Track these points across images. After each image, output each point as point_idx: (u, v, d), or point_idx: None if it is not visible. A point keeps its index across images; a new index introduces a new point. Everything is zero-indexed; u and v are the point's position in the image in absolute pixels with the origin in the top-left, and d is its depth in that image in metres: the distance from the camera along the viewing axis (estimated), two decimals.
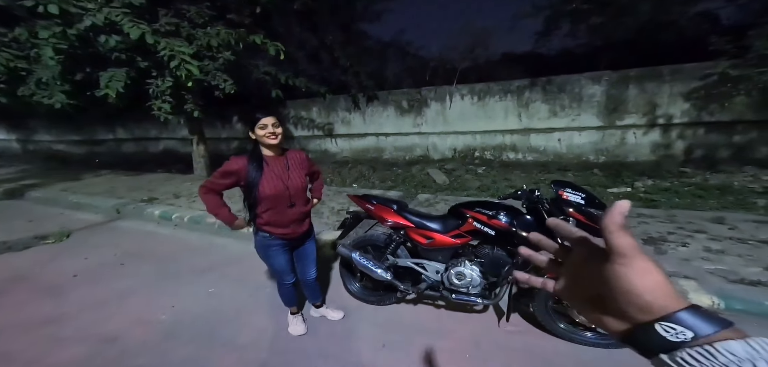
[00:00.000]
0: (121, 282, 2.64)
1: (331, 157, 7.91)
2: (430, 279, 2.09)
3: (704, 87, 4.68)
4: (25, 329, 2.05)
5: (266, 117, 1.58)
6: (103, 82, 4.33)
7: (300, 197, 1.76)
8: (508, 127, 6.30)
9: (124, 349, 1.88)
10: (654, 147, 5.38)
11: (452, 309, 2.22)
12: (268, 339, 2.00)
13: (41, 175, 7.44)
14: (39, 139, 12.98)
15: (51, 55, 3.86)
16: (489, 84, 6.31)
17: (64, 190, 5.77)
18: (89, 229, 4.06)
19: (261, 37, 4.97)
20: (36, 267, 2.95)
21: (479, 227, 1.90)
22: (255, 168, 1.61)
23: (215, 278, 2.67)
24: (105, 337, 1.97)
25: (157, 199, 4.93)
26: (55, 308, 2.28)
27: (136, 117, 9.54)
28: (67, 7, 3.66)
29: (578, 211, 1.66)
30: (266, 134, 1.59)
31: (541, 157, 6.16)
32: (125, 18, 3.84)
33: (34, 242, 3.54)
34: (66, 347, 1.88)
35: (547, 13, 6.51)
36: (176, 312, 2.23)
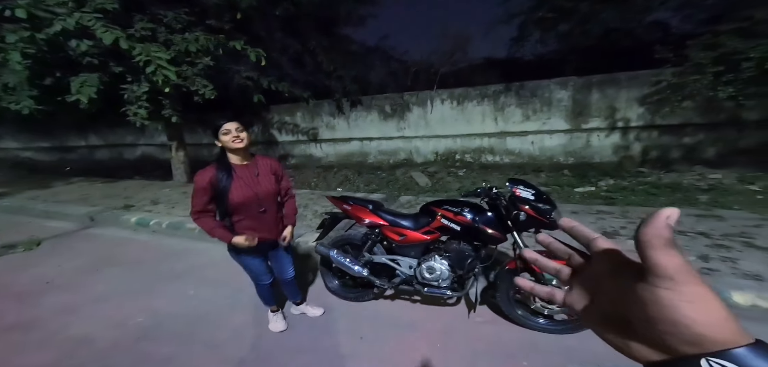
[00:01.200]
0: (97, 287, 2.62)
1: (316, 162, 7.96)
2: (403, 274, 2.22)
3: (656, 92, 5.13)
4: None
5: (228, 123, 1.60)
6: (75, 88, 4.24)
7: (271, 203, 1.79)
8: (486, 131, 6.59)
9: (97, 350, 1.89)
10: (615, 148, 5.81)
11: (426, 303, 2.36)
12: (248, 337, 2.07)
13: (7, 183, 7.06)
14: (4, 146, 12.23)
15: (18, 59, 3.75)
16: (467, 89, 6.59)
17: (33, 198, 5.53)
18: (61, 237, 3.94)
19: (241, 42, 5.00)
20: (5, 275, 2.87)
21: (446, 224, 2.06)
22: (224, 177, 1.63)
23: (195, 280, 2.70)
24: (77, 339, 1.97)
25: (133, 206, 4.83)
26: (25, 313, 2.25)
27: (109, 123, 9.20)
28: (35, 11, 3.58)
29: (529, 206, 1.84)
30: (230, 139, 1.60)
31: (517, 159, 6.48)
32: (98, 23, 3.80)
33: (1, 251, 3.41)
34: (35, 351, 1.88)
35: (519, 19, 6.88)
36: (154, 314, 2.25)
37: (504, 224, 1.95)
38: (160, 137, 8.72)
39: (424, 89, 6.98)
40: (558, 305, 0.43)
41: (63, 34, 3.83)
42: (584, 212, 3.60)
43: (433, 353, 1.92)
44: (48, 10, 3.66)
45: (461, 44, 7.92)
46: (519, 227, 1.90)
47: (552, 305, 1.92)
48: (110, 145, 10.33)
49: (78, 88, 4.22)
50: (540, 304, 1.96)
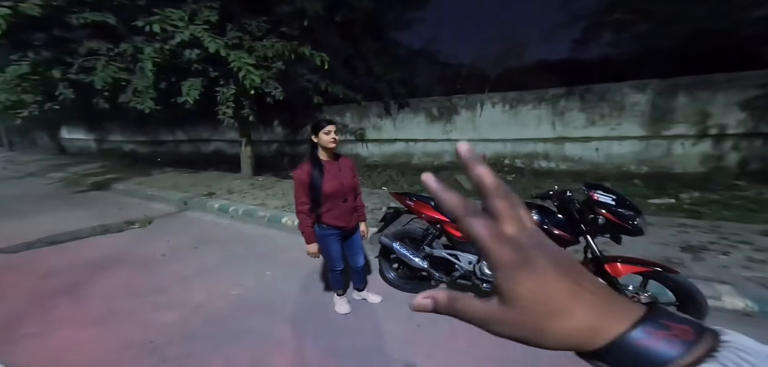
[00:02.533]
0: (199, 261, 3.16)
1: (362, 161, 8.32)
2: (462, 269, 2.31)
3: (764, 96, 4.38)
4: (134, 296, 2.57)
5: (330, 124, 1.90)
6: (185, 90, 5.08)
7: (351, 194, 2.08)
8: (541, 136, 6.26)
9: (208, 315, 2.31)
10: (704, 158, 5.07)
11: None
12: (318, 315, 2.34)
13: (119, 170, 8.69)
14: (113, 139, 14.98)
15: (150, 67, 4.62)
16: (522, 92, 6.33)
17: (140, 183, 6.73)
18: (166, 217, 4.77)
19: (309, 48, 5.50)
20: (132, 247, 3.59)
21: None
22: (318, 172, 1.93)
23: (269, 262, 3.10)
24: (194, 305, 2.42)
25: (214, 193, 5.61)
26: (152, 280, 2.81)
27: (192, 121, 10.73)
28: (165, 25, 4.39)
29: (609, 211, 1.79)
30: (330, 139, 1.90)
31: (575, 166, 6.03)
32: (205, 34, 4.51)
33: (125, 227, 4.26)
34: (166, 312, 2.35)
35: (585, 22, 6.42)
36: (244, 289, 2.65)
37: (575, 227, 1.92)
38: (229, 134, 9.89)
39: (474, 93, 6.87)
40: None
41: (181, 45, 4.61)
42: (662, 225, 3.26)
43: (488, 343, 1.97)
44: (172, 25, 4.47)
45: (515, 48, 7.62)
46: (594, 231, 1.86)
47: None
48: (191, 141, 12.01)
49: (187, 91, 5.05)
50: None
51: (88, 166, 9.87)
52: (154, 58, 4.57)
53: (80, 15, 4.59)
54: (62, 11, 4.50)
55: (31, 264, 3.16)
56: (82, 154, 14.59)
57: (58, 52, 5.06)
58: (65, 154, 14.35)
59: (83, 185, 7.05)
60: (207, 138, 11.45)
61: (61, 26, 4.92)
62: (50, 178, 8.17)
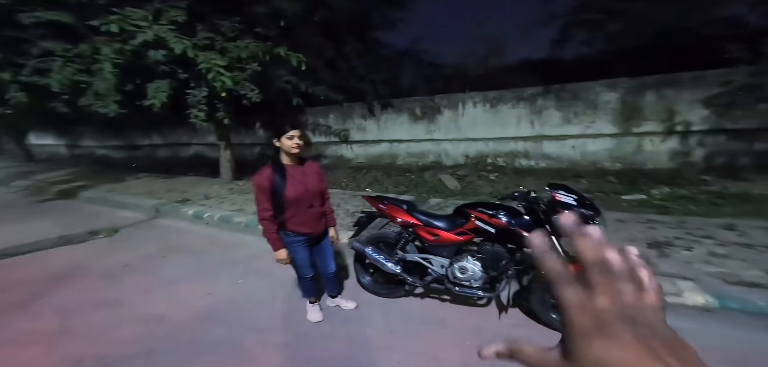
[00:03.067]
0: (165, 272, 3.02)
1: (346, 163, 8.23)
2: (435, 273, 2.29)
3: (726, 94, 4.58)
4: (91, 310, 2.42)
5: (294, 129, 1.81)
6: (151, 93, 4.85)
7: (317, 199, 2.01)
8: (521, 134, 6.36)
9: (170, 328, 2.19)
10: (672, 155, 5.28)
11: (456, 302, 2.39)
12: (289, 324, 2.26)
13: (89, 177, 8.26)
14: (84, 144, 14.27)
15: (110, 69, 4.37)
16: (502, 91, 6.41)
17: (110, 191, 6.42)
18: (134, 226, 4.55)
19: (285, 49, 5.38)
20: (93, 258, 3.39)
21: (481, 225, 2.09)
22: (279, 177, 1.85)
23: (243, 270, 3.00)
24: (155, 318, 2.30)
25: (189, 200, 5.40)
26: (112, 293, 2.66)
27: (170, 124, 10.33)
28: (125, 26, 4.18)
29: (571, 211, 1.81)
30: (293, 144, 1.82)
31: (554, 164, 6.16)
32: (171, 34, 4.32)
33: (88, 237, 4.04)
34: (124, 326, 2.22)
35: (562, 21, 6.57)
36: (212, 299, 2.54)
37: (541, 228, 1.93)
38: (209, 137, 9.58)
39: (456, 92, 6.91)
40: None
41: (143, 46, 4.39)
42: (632, 221, 3.35)
43: (462, 350, 1.95)
44: (133, 25, 4.25)
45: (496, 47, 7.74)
46: (558, 233, 1.87)
47: None
48: (169, 145, 11.58)
49: (153, 94, 4.83)
50: None
51: (56, 173, 9.36)
52: (114, 59, 4.34)
53: (32, 14, 4.31)
54: (10, 9, 4.21)
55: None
56: (51, 160, 13.83)
57: (9, 52, 4.73)
58: (33, 161, 13.57)
59: (48, 194, 6.67)
60: (186, 142, 11.05)
61: (12, 26, 4.59)
62: (14, 187, 7.69)
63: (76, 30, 4.73)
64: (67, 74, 4.53)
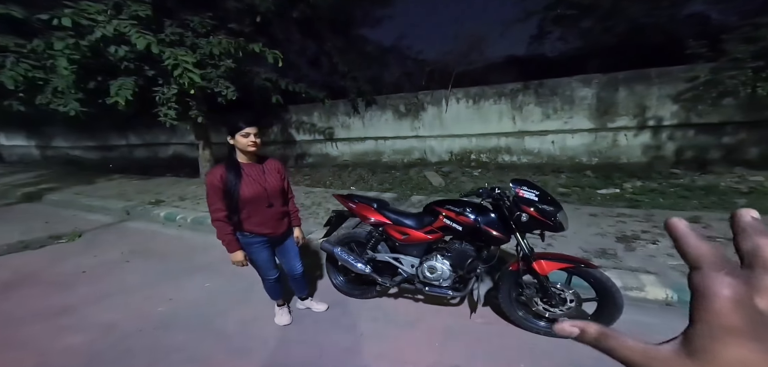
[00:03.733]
0: (125, 278, 2.86)
1: (331, 161, 8.13)
2: (405, 272, 2.24)
3: (691, 89, 4.73)
4: (37, 319, 2.27)
5: (250, 127, 1.69)
6: (113, 91, 4.61)
7: (277, 198, 1.90)
8: (503, 130, 6.41)
9: (120, 336, 2.07)
10: (645, 149, 5.43)
11: (429, 302, 2.37)
12: (254, 329, 2.18)
13: (58, 179, 7.85)
14: (56, 145, 13.58)
15: (65, 65, 4.11)
16: (483, 88, 6.44)
17: (78, 193, 6.11)
18: (100, 229, 4.33)
19: (260, 45, 5.20)
20: (49, 264, 3.20)
21: (449, 223, 2.05)
22: (233, 175, 1.73)
23: (211, 273, 2.87)
24: (105, 325, 2.17)
25: (163, 201, 5.20)
26: (63, 300, 2.50)
27: (146, 123, 9.93)
28: (79, 20, 3.93)
29: (533, 208, 1.79)
30: (248, 143, 1.70)
31: (535, 160, 6.24)
32: (133, 29, 4.10)
33: (49, 242, 3.82)
34: (70, 335, 2.09)
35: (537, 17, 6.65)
36: (173, 305, 2.42)
37: (507, 225, 1.91)
38: (189, 137, 9.27)
39: (439, 89, 6.91)
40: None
41: (103, 41, 4.15)
42: (604, 215, 3.41)
43: (431, 351, 1.92)
44: (90, 19, 4.00)
45: (477, 43, 7.76)
46: (522, 229, 1.85)
47: (554, 309, 1.87)
48: (146, 145, 11.15)
49: (116, 91, 4.58)
50: (542, 307, 1.91)
51: (24, 175, 8.86)
52: (70, 54, 4.09)
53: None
54: None
55: None
56: (21, 162, 13.14)
57: None
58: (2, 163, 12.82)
59: (11, 197, 6.29)
60: (164, 142, 10.67)
61: None
62: None
63: (30, 25, 4.44)
64: (19, 71, 4.25)
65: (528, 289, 1.93)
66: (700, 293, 0.21)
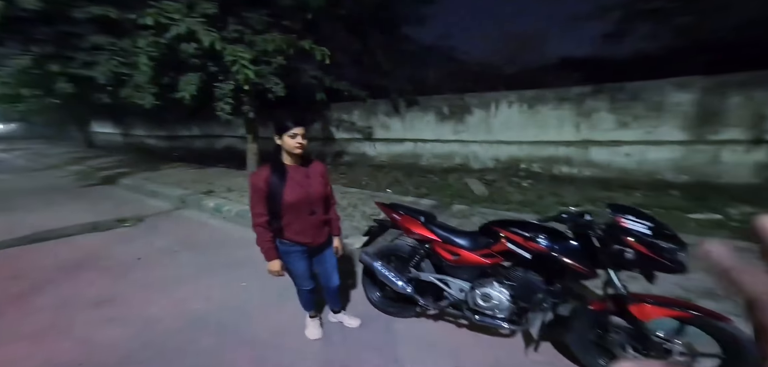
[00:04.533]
0: (172, 269, 2.95)
1: (368, 161, 8.01)
2: (453, 297, 1.97)
3: None
4: (88, 306, 2.36)
5: (297, 127, 1.59)
6: (181, 86, 4.98)
7: (320, 205, 1.78)
8: (563, 139, 5.68)
9: (157, 333, 2.06)
10: (758, 168, 4.33)
11: (475, 330, 2.05)
12: (284, 340, 2.04)
13: (132, 164, 8.91)
14: (135, 133, 15.62)
15: (145, 61, 4.51)
16: (542, 91, 5.78)
17: (146, 179, 6.79)
18: (158, 216, 4.68)
19: (309, 42, 5.25)
20: (111, 248, 3.44)
21: (514, 249, 1.72)
22: (277, 178, 1.64)
23: (249, 272, 2.84)
24: (145, 320, 2.19)
25: (213, 192, 5.50)
26: (115, 288, 2.61)
27: (205, 116, 10.82)
28: (159, 18, 4.28)
29: (642, 242, 1.37)
30: (294, 144, 1.60)
31: (601, 173, 5.41)
32: (201, 27, 4.36)
33: (115, 225, 4.18)
34: (114, 327, 2.13)
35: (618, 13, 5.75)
36: (210, 304, 2.40)
37: (594, 258, 1.52)
38: (240, 130, 9.88)
39: (486, 91, 6.39)
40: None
41: (177, 38, 4.48)
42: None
43: None
44: (168, 18, 4.34)
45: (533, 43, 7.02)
46: (619, 265, 1.46)
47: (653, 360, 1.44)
48: (205, 136, 12.21)
49: (183, 86, 4.95)
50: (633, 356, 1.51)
51: (106, 159, 10.24)
52: (150, 52, 4.45)
53: (84, 9, 4.56)
54: (64, 5, 4.47)
55: (3, 264, 3.05)
56: (108, 147, 15.31)
57: (61, 46, 5.08)
58: (93, 148, 15.09)
59: (93, 179, 7.22)
60: (219, 134, 11.56)
61: (66, 21, 4.92)
62: (66, 171, 8.48)
63: (121, 24, 4.96)
64: (110, 67, 4.77)
65: (616, 333, 1.55)
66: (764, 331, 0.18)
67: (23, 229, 3.90)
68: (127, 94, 5.28)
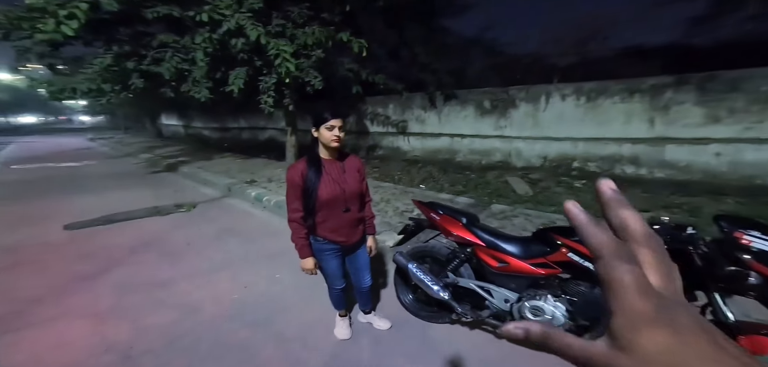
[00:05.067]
0: (217, 256, 3.11)
1: (401, 155, 7.85)
2: (495, 307, 1.78)
3: None
4: (142, 289, 2.52)
5: (335, 118, 1.52)
6: (231, 80, 5.31)
7: (355, 202, 1.70)
8: (630, 135, 4.95)
9: (197, 321, 2.14)
10: None
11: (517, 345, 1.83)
12: (313, 336, 2.02)
13: (190, 154, 9.85)
14: (194, 125, 17.32)
15: (201, 57, 4.86)
16: (605, 82, 5.09)
17: (200, 168, 7.43)
18: (208, 203, 5.05)
19: (347, 34, 5.23)
20: (167, 232, 3.74)
21: (577, 260, 1.49)
22: (314, 172, 1.58)
23: (284, 264, 2.89)
24: (189, 307, 2.29)
25: (256, 181, 5.80)
26: (167, 273, 2.77)
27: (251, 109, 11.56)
28: (213, 15, 4.56)
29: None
30: (331, 137, 1.53)
31: (678, 175, 4.60)
32: (248, 22, 4.56)
33: (173, 210, 4.59)
34: (162, 311, 2.25)
35: None
36: (246, 293, 2.47)
37: (693, 278, 1.24)
38: (281, 123, 10.37)
39: (538, 83, 5.80)
40: None
41: (228, 34, 4.74)
42: None
43: None
44: (220, 14, 4.62)
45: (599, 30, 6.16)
46: (731, 290, 1.19)
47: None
48: (250, 128, 13.08)
49: (233, 80, 5.27)
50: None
51: (171, 149, 11.48)
52: (205, 47, 4.76)
53: (153, 9, 5.04)
54: (138, 6, 4.98)
55: (82, 244, 3.42)
56: (173, 137, 17.23)
57: (135, 45, 5.68)
58: (161, 138, 17.10)
59: (159, 166, 8.11)
60: (263, 126, 12.28)
61: (139, 21, 5.49)
62: (138, 159, 9.67)
63: (182, 22, 5.41)
64: (174, 63, 5.23)
65: None
66: (608, 284, 0.20)
67: (99, 210, 4.46)
68: (186, 89, 5.75)
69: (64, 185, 6.26)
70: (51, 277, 2.71)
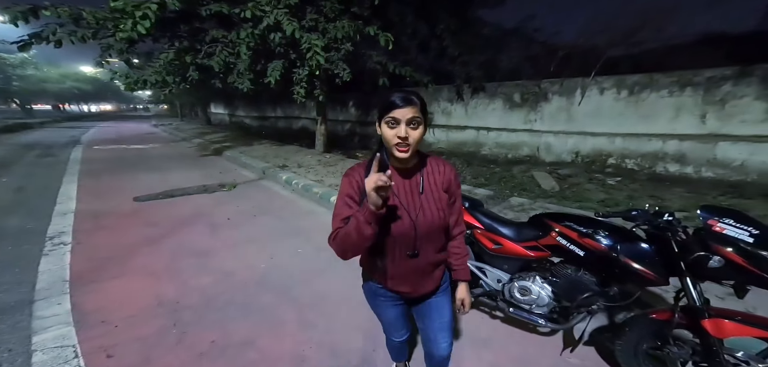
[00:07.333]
0: (250, 230, 3.54)
1: (426, 147, 7.88)
2: (488, 286, 1.92)
3: None
4: (190, 255, 2.91)
5: (398, 108, 0.88)
6: (269, 72, 5.78)
7: (432, 240, 1.04)
8: (677, 131, 4.53)
9: (231, 285, 2.49)
10: None
11: (511, 323, 1.99)
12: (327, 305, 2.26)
13: (233, 140, 10.83)
14: (238, 114, 18.82)
15: (244, 51, 5.35)
16: (652, 75, 4.69)
17: (241, 152, 8.20)
18: (246, 184, 5.64)
19: (375, 28, 5.37)
20: (212, 208, 4.27)
21: (565, 245, 1.58)
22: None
23: (305, 240, 3.23)
24: (225, 272, 2.66)
25: (287, 166, 6.30)
26: (210, 242, 3.21)
27: (287, 99, 12.31)
28: (255, 11, 4.97)
29: (739, 252, 1.11)
30: (394, 139, 0.90)
31: (730, 175, 4.15)
32: (285, 17, 4.91)
33: (217, 189, 5.21)
34: (204, 275, 2.59)
35: None
36: (272, 263, 2.81)
37: (669, 263, 1.31)
38: (313, 113, 10.94)
39: (573, 76, 5.46)
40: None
41: (267, 29, 5.15)
42: None
43: None
44: (261, 10, 5.01)
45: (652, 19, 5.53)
46: (700, 275, 1.24)
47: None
48: (285, 117, 13.92)
49: (271, 72, 5.74)
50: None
51: (218, 135, 12.67)
52: (248, 42, 5.22)
53: (207, 7, 5.63)
54: (195, 4, 5.59)
55: (147, 213, 4.00)
56: (220, 125, 18.91)
57: (193, 41, 6.39)
58: (210, 125, 18.85)
59: (208, 150, 9.09)
60: (297, 116, 13.01)
61: (196, 18, 6.15)
62: (192, 143, 10.86)
63: (230, 18, 5.97)
64: (222, 57, 5.82)
65: (678, 347, 1.34)
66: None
67: (161, 186, 5.24)
68: (232, 80, 6.36)
69: (134, 164, 7.33)
70: (121, 239, 3.28)
